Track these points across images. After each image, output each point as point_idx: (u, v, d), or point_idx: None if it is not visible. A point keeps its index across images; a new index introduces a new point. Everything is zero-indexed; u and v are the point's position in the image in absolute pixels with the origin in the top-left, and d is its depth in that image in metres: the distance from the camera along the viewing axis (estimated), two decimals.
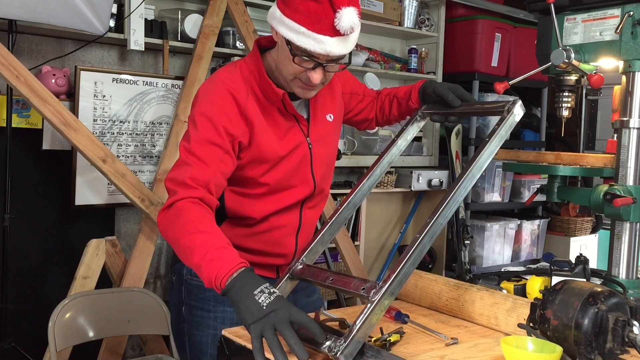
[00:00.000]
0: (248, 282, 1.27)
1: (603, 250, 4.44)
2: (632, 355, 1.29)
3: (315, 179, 1.68)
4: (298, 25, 1.42)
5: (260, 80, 1.58)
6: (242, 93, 1.55)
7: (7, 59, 2.39)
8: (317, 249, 1.55)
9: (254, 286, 1.26)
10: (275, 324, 1.20)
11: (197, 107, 1.55)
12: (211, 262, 1.32)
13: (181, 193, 1.45)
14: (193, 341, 1.69)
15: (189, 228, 1.39)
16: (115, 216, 3.08)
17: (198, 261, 1.34)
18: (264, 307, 1.23)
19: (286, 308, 1.23)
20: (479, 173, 1.43)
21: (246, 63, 1.61)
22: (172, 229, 1.43)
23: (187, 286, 1.70)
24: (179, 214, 1.42)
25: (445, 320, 1.59)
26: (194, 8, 3.18)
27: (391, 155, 1.68)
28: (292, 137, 1.62)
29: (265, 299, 1.24)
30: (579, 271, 1.81)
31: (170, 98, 3.06)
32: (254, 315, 1.22)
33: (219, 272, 1.30)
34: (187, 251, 1.38)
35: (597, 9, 1.80)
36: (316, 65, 1.47)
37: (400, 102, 1.82)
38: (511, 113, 1.48)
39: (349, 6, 1.41)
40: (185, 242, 1.39)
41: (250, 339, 1.21)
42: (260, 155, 1.57)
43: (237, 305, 1.26)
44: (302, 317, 1.23)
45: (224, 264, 1.31)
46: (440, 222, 1.35)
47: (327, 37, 1.41)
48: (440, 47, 4.11)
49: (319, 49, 1.42)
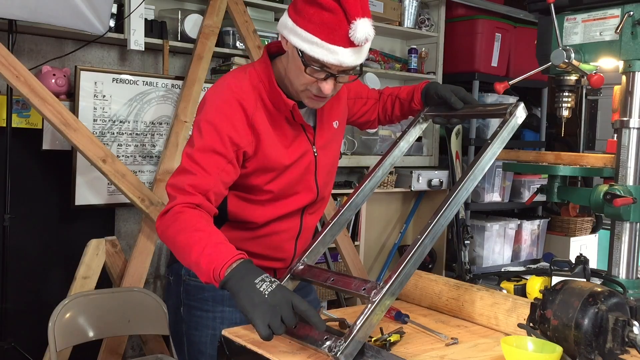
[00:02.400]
0: (248, 272, 1.28)
1: (603, 250, 4.44)
2: (632, 355, 1.29)
3: (318, 186, 1.68)
4: (311, 36, 1.41)
5: (270, 89, 1.56)
6: (251, 102, 1.54)
7: (7, 59, 2.39)
8: (318, 250, 1.55)
9: (254, 276, 1.27)
10: (280, 312, 1.21)
11: (203, 113, 1.53)
12: (209, 256, 1.32)
13: (179, 199, 1.45)
14: (191, 341, 1.69)
15: (186, 228, 1.39)
16: (115, 216, 3.08)
17: (196, 257, 1.34)
18: (265, 295, 1.23)
19: (288, 296, 1.24)
20: (481, 175, 1.43)
21: (256, 70, 1.59)
22: (169, 230, 1.43)
23: (185, 286, 1.70)
24: (177, 217, 1.42)
25: (445, 320, 1.59)
26: (194, 8, 3.17)
27: (393, 157, 1.68)
28: (298, 146, 1.62)
29: (267, 287, 1.24)
30: (579, 271, 1.81)
31: (170, 98, 3.06)
32: (256, 304, 1.22)
33: (218, 264, 1.30)
34: (185, 249, 1.38)
35: (597, 9, 1.80)
36: (328, 75, 1.46)
37: (403, 103, 1.82)
38: (513, 115, 1.48)
39: (364, 17, 1.40)
40: (182, 240, 1.38)
41: (256, 329, 1.21)
42: (265, 165, 1.57)
43: (238, 295, 1.25)
44: (303, 305, 1.24)
45: (223, 256, 1.31)
46: (442, 224, 1.36)
47: (341, 48, 1.40)
48: (440, 47, 4.11)
49: (332, 60, 1.41)
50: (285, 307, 1.22)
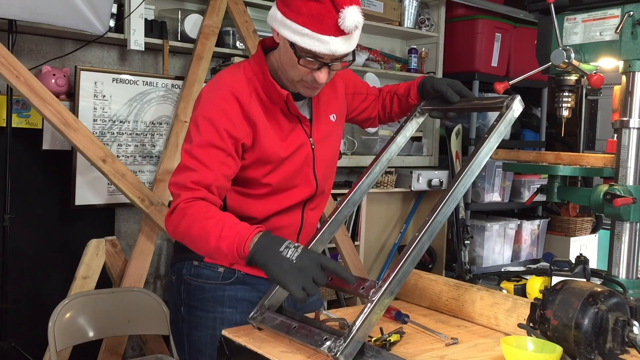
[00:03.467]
0: (271, 243, 1.31)
1: (603, 250, 4.44)
2: (632, 355, 1.29)
3: (317, 180, 1.68)
4: (301, 27, 1.42)
5: (264, 81, 1.57)
6: (245, 94, 1.55)
7: (7, 59, 2.39)
8: (316, 248, 1.54)
9: (278, 245, 1.30)
10: (310, 273, 1.25)
11: (199, 109, 1.54)
12: (228, 238, 1.34)
13: (183, 195, 1.46)
14: (192, 341, 1.69)
15: (197, 219, 1.41)
16: (115, 216, 3.08)
17: (215, 243, 1.36)
18: (293, 260, 1.27)
19: (315, 257, 1.28)
20: (478, 169, 1.42)
21: (250, 65, 1.61)
22: (180, 226, 1.44)
23: (186, 286, 1.70)
24: (185, 212, 1.44)
25: (445, 320, 1.59)
26: (194, 8, 3.18)
27: (390, 153, 1.67)
28: (295, 138, 1.62)
29: (293, 253, 1.28)
30: (579, 271, 1.81)
31: (170, 98, 3.06)
32: (287, 270, 1.26)
33: (239, 242, 1.32)
34: (202, 239, 1.40)
35: (597, 9, 1.80)
36: (321, 65, 1.47)
37: (401, 98, 1.82)
38: (510, 109, 1.48)
39: (351, 5, 1.41)
40: (197, 231, 1.40)
41: (292, 294, 1.26)
42: (262, 157, 1.57)
43: (267, 266, 1.28)
44: (331, 264, 1.28)
45: (242, 234, 1.34)
46: (440, 220, 1.35)
47: (332, 37, 1.41)
48: (440, 47, 4.11)
49: (324, 50, 1.42)
50: (314, 268, 1.26)
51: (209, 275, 1.67)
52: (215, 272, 1.67)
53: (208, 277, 1.67)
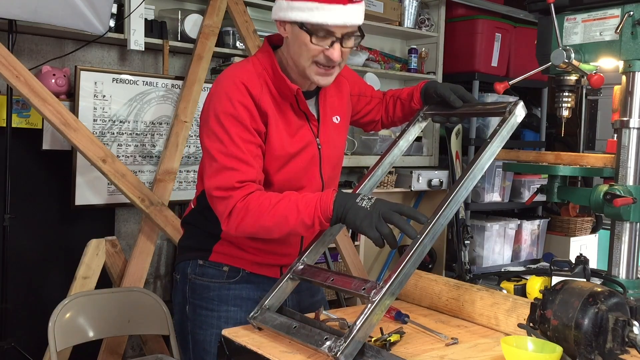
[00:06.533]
0: (347, 198, 1.40)
1: (603, 250, 4.44)
2: (632, 355, 1.29)
3: (323, 180, 1.69)
4: (309, 3, 1.45)
5: (274, 75, 1.58)
6: (257, 87, 1.55)
7: (7, 59, 2.39)
8: (318, 249, 1.55)
9: (353, 198, 1.40)
10: (385, 218, 1.35)
11: (216, 105, 1.53)
12: (308, 209, 1.41)
13: (235, 196, 1.47)
14: (196, 340, 1.69)
15: (263, 209, 1.44)
16: (115, 216, 3.08)
17: (295, 218, 1.42)
18: (368, 208, 1.36)
19: (386, 204, 1.38)
20: (480, 174, 1.43)
21: (258, 59, 1.61)
22: (245, 222, 1.46)
23: (191, 285, 1.70)
24: (247, 208, 1.46)
25: (445, 320, 1.59)
26: (194, 8, 3.17)
27: (392, 156, 1.68)
28: (303, 136, 1.63)
29: (367, 203, 1.38)
30: (579, 271, 1.81)
31: (170, 98, 3.06)
32: (363, 217, 1.36)
33: (322, 208, 1.40)
34: (279, 222, 1.43)
35: (597, 9, 1.80)
36: (333, 41, 1.49)
37: (404, 103, 1.82)
38: (513, 114, 1.48)
39: None
40: (269, 218, 1.44)
41: (368, 236, 1.36)
42: (272, 151, 1.58)
43: (348, 217, 1.38)
44: (401, 207, 1.38)
45: (319, 201, 1.41)
46: (441, 223, 1.36)
47: (340, 6, 1.45)
48: (440, 47, 4.11)
49: (335, 19, 1.45)
50: (387, 213, 1.35)
51: (214, 274, 1.68)
52: (220, 271, 1.67)
53: (213, 276, 1.68)
